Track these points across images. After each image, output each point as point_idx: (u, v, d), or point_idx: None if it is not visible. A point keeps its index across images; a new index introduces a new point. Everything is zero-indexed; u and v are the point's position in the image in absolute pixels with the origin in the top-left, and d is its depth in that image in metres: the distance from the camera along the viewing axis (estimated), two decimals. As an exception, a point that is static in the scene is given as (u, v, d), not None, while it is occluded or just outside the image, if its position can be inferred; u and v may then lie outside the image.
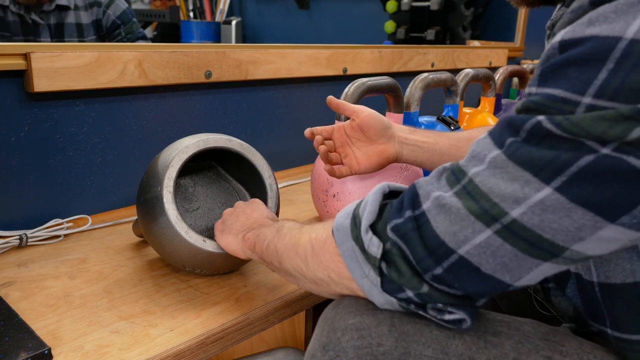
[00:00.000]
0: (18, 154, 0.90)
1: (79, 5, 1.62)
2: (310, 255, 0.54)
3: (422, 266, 0.45)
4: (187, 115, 1.12)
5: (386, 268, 0.47)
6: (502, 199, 0.42)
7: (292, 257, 0.57)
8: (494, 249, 0.43)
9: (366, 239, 0.48)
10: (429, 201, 0.46)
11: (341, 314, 0.51)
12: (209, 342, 0.65)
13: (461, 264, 0.44)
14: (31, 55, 0.85)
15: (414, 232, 0.46)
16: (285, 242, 0.59)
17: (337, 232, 0.51)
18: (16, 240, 0.86)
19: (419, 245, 0.45)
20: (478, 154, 0.45)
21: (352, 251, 0.49)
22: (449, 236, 0.44)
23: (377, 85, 0.97)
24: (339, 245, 0.51)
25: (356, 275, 0.50)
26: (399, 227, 0.47)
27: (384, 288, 0.48)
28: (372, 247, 0.48)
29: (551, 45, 0.43)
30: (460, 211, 0.44)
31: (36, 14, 1.54)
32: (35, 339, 0.60)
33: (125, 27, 1.70)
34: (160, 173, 0.71)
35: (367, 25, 2.51)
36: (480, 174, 0.44)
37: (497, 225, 0.42)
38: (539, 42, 2.25)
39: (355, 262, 0.49)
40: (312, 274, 0.55)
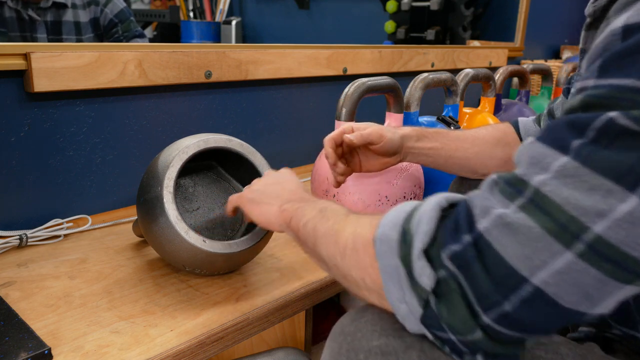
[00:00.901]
0: (18, 154, 0.90)
1: (77, 4, 1.62)
2: (350, 250, 0.47)
3: (485, 304, 0.38)
4: (187, 115, 1.12)
5: (435, 303, 0.40)
6: (581, 212, 0.35)
7: (330, 244, 0.50)
8: (577, 274, 0.36)
9: (417, 266, 0.40)
10: (486, 219, 0.38)
11: (363, 331, 0.45)
12: (209, 342, 0.65)
13: (536, 296, 0.36)
14: (31, 55, 0.85)
15: (475, 260, 0.38)
16: (327, 227, 0.52)
17: (380, 244, 0.44)
18: (16, 240, 0.86)
19: (483, 276, 0.38)
20: (538, 161, 0.38)
21: (395, 271, 0.42)
22: (521, 262, 0.36)
23: (377, 85, 0.97)
24: (378, 257, 0.43)
25: (392, 297, 0.43)
26: (458, 255, 0.39)
27: (424, 321, 0.41)
28: (423, 277, 0.40)
29: (610, 32, 0.39)
30: (531, 230, 0.36)
31: (33, 10, 1.54)
32: (35, 339, 0.60)
33: (123, 25, 1.71)
34: (160, 173, 0.71)
35: (367, 25, 2.51)
36: (548, 184, 0.37)
37: (579, 244, 0.35)
38: (538, 42, 2.25)
39: (395, 283, 0.42)
40: (345, 270, 0.48)
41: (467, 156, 0.81)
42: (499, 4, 2.14)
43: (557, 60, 2.31)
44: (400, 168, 0.93)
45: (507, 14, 2.08)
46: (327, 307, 1.13)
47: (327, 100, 1.38)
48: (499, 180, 0.40)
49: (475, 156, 0.81)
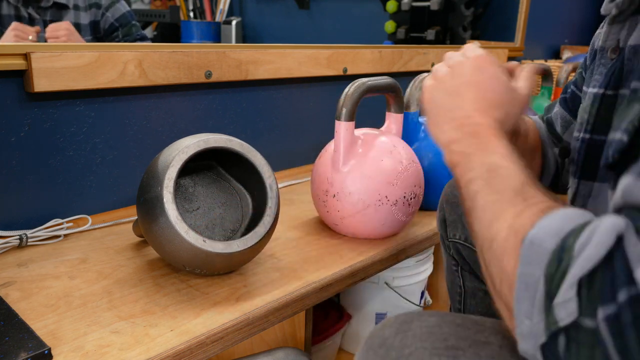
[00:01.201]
0: (18, 154, 0.90)
1: (80, 6, 1.62)
2: (498, 242, 0.41)
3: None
4: (187, 115, 1.12)
5: (564, 343, 0.34)
6: None
7: (482, 226, 0.44)
8: None
9: (563, 295, 0.34)
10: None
11: (411, 347, 0.40)
12: (209, 342, 0.65)
13: None
14: (31, 55, 0.85)
15: (631, 327, 0.31)
16: (488, 201, 0.45)
17: (530, 247, 0.38)
18: (16, 240, 0.86)
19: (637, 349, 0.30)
20: None
21: (534, 284, 0.36)
22: None
23: (377, 85, 0.97)
24: (521, 262, 0.38)
25: (520, 308, 0.37)
26: (614, 317, 0.32)
27: (545, 351, 0.36)
28: (562, 310, 0.34)
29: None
30: None
31: (33, 8, 1.54)
32: (35, 339, 0.60)
33: (124, 30, 1.70)
34: (160, 173, 0.71)
35: (367, 25, 2.51)
36: None
37: None
38: (538, 42, 2.25)
39: (530, 296, 0.37)
40: (488, 261, 0.42)
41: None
42: (499, 4, 2.14)
43: (557, 60, 2.31)
44: (400, 168, 0.93)
45: (507, 14, 2.08)
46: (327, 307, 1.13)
47: (327, 100, 1.38)
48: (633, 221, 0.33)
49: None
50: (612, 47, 0.58)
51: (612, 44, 0.58)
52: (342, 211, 0.93)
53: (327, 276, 0.80)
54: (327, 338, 1.05)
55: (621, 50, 0.57)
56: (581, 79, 0.73)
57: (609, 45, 0.59)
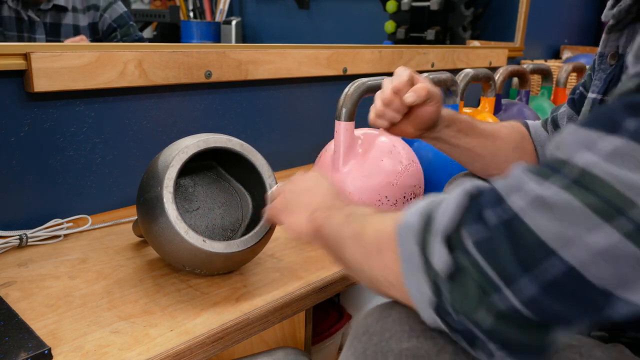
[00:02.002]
0: (18, 154, 0.90)
1: (78, 8, 1.62)
2: (374, 250, 0.46)
3: (512, 286, 0.35)
4: (187, 115, 1.12)
5: (448, 289, 0.38)
6: (629, 188, 0.32)
7: (353, 247, 0.49)
8: (618, 252, 0.32)
9: (434, 249, 0.39)
10: (519, 197, 0.36)
11: (391, 331, 0.43)
12: (209, 342, 0.65)
13: (567, 276, 0.34)
14: (31, 55, 0.85)
15: (504, 242, 0.35)
16: (351, 230, 0.50)
17: (402, 230, 0.42)
18: (16, 240, 0.86)
19: (510, 257, 0.35)
20: (581, 143, 0.35)
21: (413, 257, 0.41)
22: (553, 237, 0.34)
23: (377, 85, 0.97)
24: (399, 245, 0.42)
25: (411, 285, 0.41)
26: (481, 237, 0.37)
27: (437, 310, 0.40)
28: (437, 261, 0.39)
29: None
30: (571, 204, 0.33)
31: (33, 11, 1.54)
32: (35, 339, 0.60)
33: (122, 30, 1.70)
34: (160, 173, 0.71)
35: (367, 25, 2.51)
36: (597, 165, 0.34)
37: (622, 220, 0.32)
38: (538, 42, 2.25)
39: (413, 270, 0.41)
40: (371, 273, 0.47)
41: (483, 154, 0.80)
42: (499, 4, 2.14)
43: (557, 60, 2.31)
44: (400, 168, 0.93)
45: (507, 14, 2.08)
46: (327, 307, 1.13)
47: (327, 100, 1.38)
48: (530, 165, 0.38)
49: (491, 155, 0.80)
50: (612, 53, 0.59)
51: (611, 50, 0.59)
52: (342, 211, 0.92)
53: (327, 276, 0.80)
54: (327, 338, 1.05)
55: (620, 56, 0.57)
56: (589, 80, 0.73)
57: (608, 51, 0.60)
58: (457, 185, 0.43)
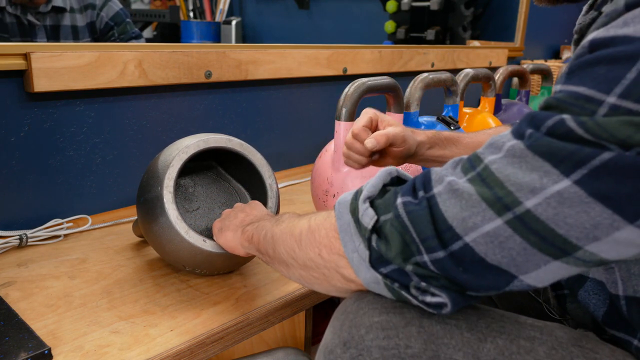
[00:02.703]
0: (18, 154, 0.90)
1: (75, 8, 1.63)
2: (305, 233, 0.53)
3: (425, 245, 0.44)
4: (187, 115, 1.12)
5: (376, 240, 0.46)
6: (517, 188, 0.40)
7: (286, 240, 0.56)
8: (503, 239, 0.41)
9: (361, 209, 0.48)
10: (441, 185, 0.45)
11: (365, 309, 0.48)
12: (209, 342, 0.65)
13: (466, 251, 0.42)
14: (31, 55, 0.85)
15: (425, 211, 0.44)
16: (282, 228, 0.57)
17: (339, 206, 0.51)
18: (16, 240, 0.86)
19: (428, 225, 0.44)
20: (496, 142, 0.44)
21: (348, 224, 0.49)
22: (457, 221, 0.43)
23: (377, 85, 0.97)
24: (337, 219, 0.50)
25: (348, 249, 0.48)
26: (410, 204, 0.45)
27: (371, 263, 0.47)
28: (365, 217, 0.47)
29: (581, 45, 0.42)
30: (472, 197, 0.42)
31: (32, 15, 1.54)
32: (35, 339, 0.60)
33: (119, 28, 1.70)
34: (160, 173, 0.71)
35: (367, 25, 2.51)
36: (496, 162, 0.42)
37: (509, 214, 0.41)
38: (538, 42, 2.25)
39: (349, 235, 0.48)
40: (303, 255, 0.53)
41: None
42: (499, 4, 2.14)
43: (557, 60, 2.31)
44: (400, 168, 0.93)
45: (507, 14, 2.08)
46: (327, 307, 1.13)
47: (327, 100, 1.38)
48: (464, 158, 0.46)
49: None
50: None
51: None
52: (342, 211, 0.92)
53: (327, 276, 0.80)
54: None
55: None
56: None
57: None
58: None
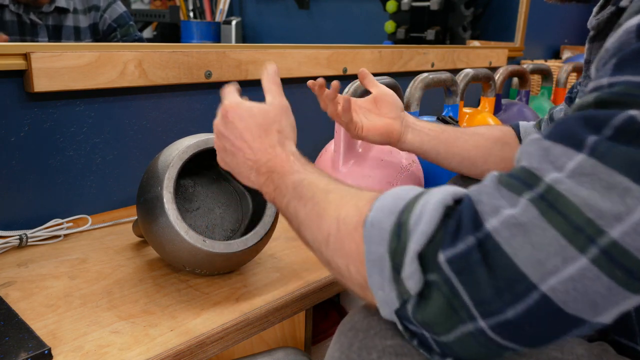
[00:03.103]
0: (18, 154, 0.90)
1: (78, 9, 1.63)
2: (334, 236, 0.45)
3: (484, 310, 0.35)
4: (187, 115, 1.12)
5: (416, 302, 0.38)
6: (598, 215, 0.33)
7: (313, 229, 0.48)
8: (588, 282, 0.33)
9: (407, 269, 0.38)
10: (495, 218, 0.36)
11: (376, 329, 0.43)
12: (209, 342, 0.65)
13: (541, 305, 0.34)
14: (31, 55, 0.85)
15: (479, 264, 0.35)
16: (308, 210, 0.49)
17: (371, 228, 0.41)
18: (16, 240, 0.86)
19: (486, 281, 0.35)
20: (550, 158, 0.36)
21: (381, 261, 0.40)
22: (533, 267, 0.34)
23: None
24: (366, 242, 0.41)
25: (373, 282, 0.41)
26: (458, 257, 0.36)
27: (399, 313, 0.40)
28: (410, 282, 0.38)
29: (625, 31, 0.38)
30: (545, 232, 0.34)
31: (35, 14, 1.54)
32: (35, 339, 0.60)
33: (121, 30, 1.71)
34: (160, 173, 0.71)
35: (367, 25, 2.51)
36: (564, 182, 0.35)
37: (594, 249, 0.33)
38: (539, 42, 2.25)
39: (379, 273, 0.40)
40: (330, 257, 0.46)
41: (466, 147, 0.82)
42: (499, 4, 2.14)
43: (557, 60, 2.31)
44: (400, 168, 0.93)
45: (507, 14, 2.08)
46: (327, 307, 1.13)
47: (327, 100, 1.38)
48: (502, 175, 0.38)
49: (474, 149, 0.82)
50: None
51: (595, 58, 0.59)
52: (342, 211, 0.92)
53: (327, 276, 0.80)
54: (327, 338, 1.05)
55: None
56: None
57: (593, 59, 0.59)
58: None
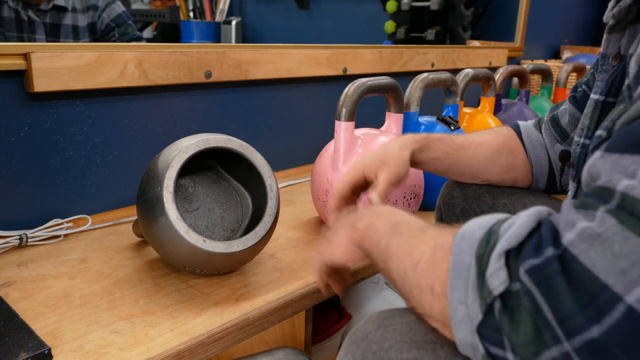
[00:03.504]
0: (18, 154, 0.90)
1: (77, 8, 1.63)
2: (425, 260, 0.43)
3: (568, 327, 0.32)
4: (187, 115, 1.12)
5: (499, 312, 0.36)
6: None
7: (402, 258, 0.46)
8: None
9: (493, 266, 0.37)
10: (572, 232, 0.34)
11: (391, 341, 0.42)
12: (209, 342, 0.65)
13: (630, 318, 0.30)
14: (31, 55, 0.85)
15: (558, 276, 0.33)
16: (401, 241, 0.47)
17: (460, 239, 0.40)
18: (16, 240, 0.86)
19: (567, 294, 0.32)
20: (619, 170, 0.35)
21: (467, 268, 0.38)
22: (614, 276, 0.31)
23: (377, 85, 0.97)
24: (453, 254, 0.40)
25: (454, 297, 0.39)
26: (537, 269, 0.34)
27: (480, 330, 0.37)
28: (494, 279, 0.36)
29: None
30: (626, 239, 0.31)
31: (33, 11, 1.54)
32: (35, 339, 0.60)
33: (119, 29, 1.71)
34: (160, 173, 0.71)
35: (367, 25, 2.51)
36: (637, 187, 0.33)
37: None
38: (539, 42, 2.25)
39: (463, 281, 0.38)
40: (415, 280, 0.43)
41: (469, 164, 0.81)
42: (499, 4, 2.14)
43: (557, 60, 2.31)
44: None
45: (507, 14, 2.08)
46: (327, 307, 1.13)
47: (327, 100, 1.38)
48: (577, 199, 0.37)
49: (477, 164, 0.81)
50: (614, 54, 0.59)
51: (614, 51, 0.59)
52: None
53: (327, 276, 0.80)
54: (327, 338, 1.05)
55: (622, 57, 0.57)
56: (592, 79, 0.73)
57: (610, 52, 0.59)
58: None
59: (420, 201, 0.98)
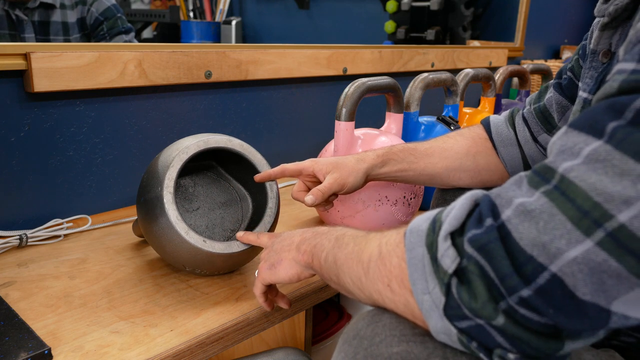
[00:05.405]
0: (18, 154, 0.90)
1: (66, 4, 1.61)
2: (374, 260, 0.46)
3: (506, 286, 0.36)
4: (187, 115, 1.12)
5: (456, 287, 0.39)
6: (606, 198, 0.33)
7: (352, 267, 0.48)
8: (594, 265, 0.33)
9: (442, 248, 0.40)
10: (509, 209, 0.38)
11: (381, 335, 0.43)
12: (209, 342, 0.65)
13: (554, 284, 0.35)
14: (31, 55, 0.85)
15: (498, 243, 0.37)
16: (348, 251, 0.50)
17: (410, 234, 0.43)
18: (16, 240, 0.86)
19: (504, 259, 0.36)
20: (569, 148, 0.37)
21: (421, 259, 0.41)
22: (538, 249, 0.35)
23: (377, 85, 0.97)
24: (407, 250, 0.42)
25: (417, 289, 0.41)
26: (477, 238, 0.38)
27: (446, 312, 0.39)
28: (445, 259, 0.39)
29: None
30: (551, 216, 0.35)
31: (20, 10, 1.54)
32: (35, 339, 0.60)
33: (108, 22, 1.69)
34: (160, 173, 0.71)
35: (367, 25, 2.51)
36: (575, 169, 0.35)
37: (600, 233, 0.33)
38: (539, 42, 2.25)
39: (421, 272, 0.41)
40: (371, 284, 0.46)
41: (436, 171, 0.79)
42: (499, 4, 2.14)
43: (557, 60, 2.31)
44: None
45: (507, 14, 2.08)
46: (327, 307, 1.13)
47: (327, 100, 1.38)
48: (526, 174, 0.40)
49: (444, 170, 0.80)
50: (604, 50, 0.58)
51: (604, 47, 0.58)
52: (342, 211, 0.93)
53: (327, 276, 0.80)
54: (327, 338, 1.05)
55: (613, 54, 0.56)
56: (578, 66, 0.71)
57: (600, 48, 0.58)
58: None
59: (420, 201, 0.98)
